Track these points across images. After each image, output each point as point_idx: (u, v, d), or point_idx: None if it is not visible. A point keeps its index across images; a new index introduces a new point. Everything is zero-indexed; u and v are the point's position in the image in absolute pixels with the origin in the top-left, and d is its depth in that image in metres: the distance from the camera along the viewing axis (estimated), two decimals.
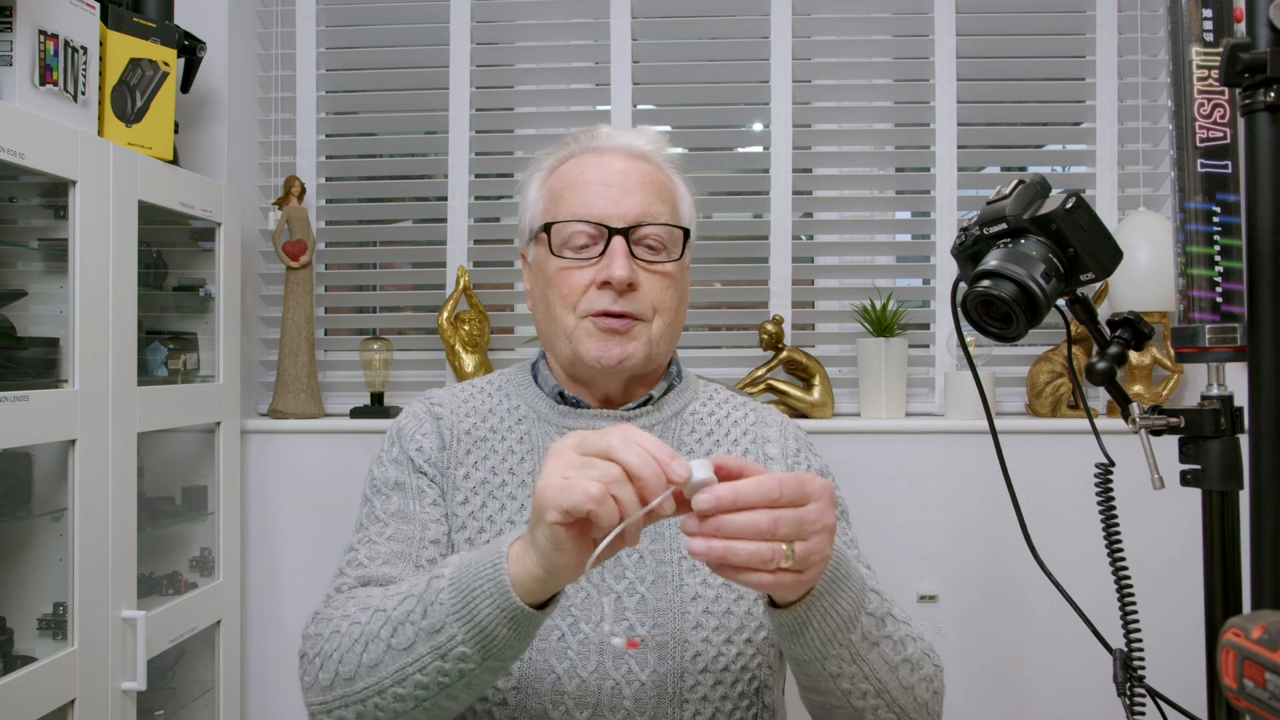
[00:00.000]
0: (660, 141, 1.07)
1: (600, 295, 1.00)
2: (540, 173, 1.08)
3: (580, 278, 1.01)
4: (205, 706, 1.79)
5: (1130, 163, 2.00)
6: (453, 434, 1.05)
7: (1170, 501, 1.63)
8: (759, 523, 0.66)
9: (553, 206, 1.03)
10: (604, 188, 1.01)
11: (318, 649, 0.85)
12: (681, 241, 1.04)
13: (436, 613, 0.75)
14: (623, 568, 0.97)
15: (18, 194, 1.52)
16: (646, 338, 1.02)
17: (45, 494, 1.42)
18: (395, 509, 1.00)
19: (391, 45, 2.11)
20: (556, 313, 1.02)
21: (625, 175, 1.02)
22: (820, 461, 1.11)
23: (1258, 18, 0.68)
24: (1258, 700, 0.45)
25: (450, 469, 1.03)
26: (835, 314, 2.05)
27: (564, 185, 1.03)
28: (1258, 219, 0.69)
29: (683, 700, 0.93)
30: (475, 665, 0.75)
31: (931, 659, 0.90)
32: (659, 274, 1.02)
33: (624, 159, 1.03)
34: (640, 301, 1.01)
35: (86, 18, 1.44)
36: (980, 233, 0.83)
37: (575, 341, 1.01)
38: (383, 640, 0.78)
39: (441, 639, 0.75)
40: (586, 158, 1.04)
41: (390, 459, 1.04)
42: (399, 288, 2.25)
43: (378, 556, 0.94)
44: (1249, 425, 0.70)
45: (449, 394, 1.11)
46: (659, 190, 1.03)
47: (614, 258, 0.98)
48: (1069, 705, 1.83)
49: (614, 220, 1.00)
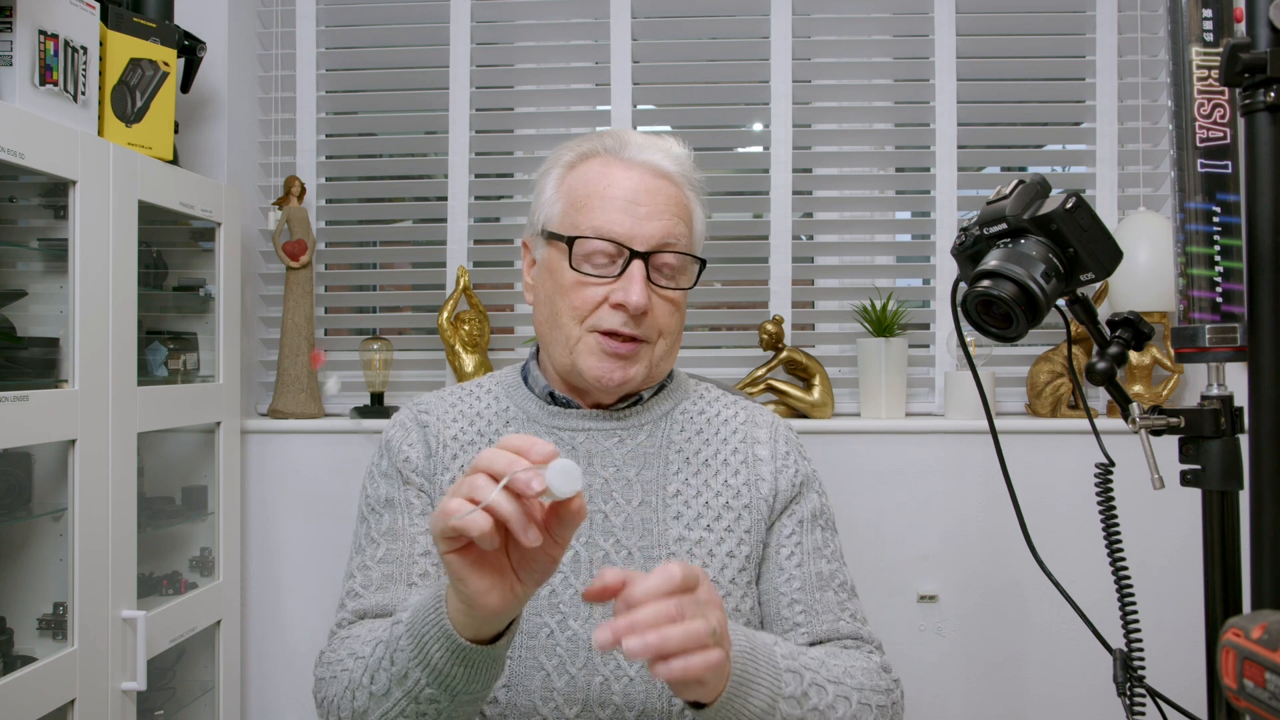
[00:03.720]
0: (685, 161, 1.06)
1: (612, 315, 0.99)
2: (559, 169, 1.06)
3: (594, 294, 1.00)
4: (205, 706, 1.79)
5: (1130, 163, 2.00)
6: (439, 441, 1.05)
7: (1170, 501, 1.62)
8: (669, 610, 0.68)
9: (574, 215, 1.01)
10: (629, 204, 0.99)
11: (323, 694, 0.90)
12: (695, 267, 1.05)
13: (400, 659, 0.78)
14: (610, 564, 0.97)
15: (18, 194, 1.52)
16: (648, 360, 1.03)
17: (45, 494, 1.42)
18: (386, 527, 1.02)
19: (391, 45, 2.11)
20: (563, 321, 1.02)
21: (652, 195, 1.00)
22: (808, 466, 1.10)
23: (1258, 18, 0.68)
24: (1258, 700, 0.45)
25: (437, 475, 1.04)
26: (835, 314, 2.05)
27: (587, 192, 1.01)
28: (1258, 219, 0.69)
29: (671, 695, 0.94)
30: (447, 704, 0.79)
31: (874, 703, 0.90)
32: (669, 299, 1.03)
33: (651, 176, 1.02)
34: (649, 325, 1.01)
35: (86, 18, 1.44)
36: (980, 233, 0.83)
37: (577, 355, 1.01)
38: (365, 688, 0.82)
39: (409, 684, 0.78)
40: (612, 166, 1.02)
41: (380, 473, 1.06)
42: (399, 288, 2.25)
43: (371, 584, 0.99)
44: (1249, 425, 0.70)
45: (438, 399, 1.11)
46: (681, 213, 1.03)
47: (632, 282, 0.98)
48: (1069, 705, 1.83)
49: (637, 242, 0.99)
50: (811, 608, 1.00)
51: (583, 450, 1.03)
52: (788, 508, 1.05)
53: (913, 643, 1.84)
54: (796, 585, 1.01)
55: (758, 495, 1.04)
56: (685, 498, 1.02)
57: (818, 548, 1.04)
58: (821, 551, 1.04)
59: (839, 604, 1.02)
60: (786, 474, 1.06)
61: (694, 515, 1.01)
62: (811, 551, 1.03)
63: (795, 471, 1.07)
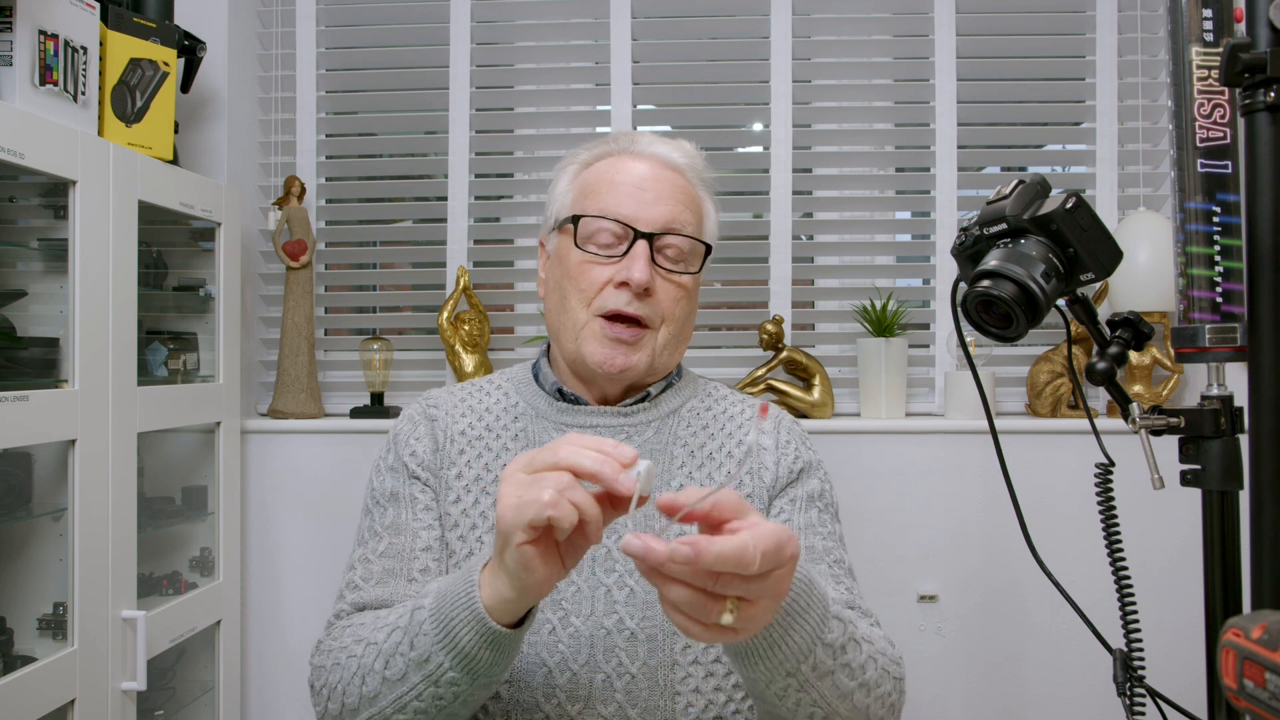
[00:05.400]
0: (696, 157, 1.09)
1: (616, 294, 1.01)
2: (574, 166, 1.10)
3: (599, 274, 1.02)
4: (205, 706, 1.79)
5: (1130, 163, 2.00)
6: (447, 435, 1.06)
7: (1170, 501, 1.63)
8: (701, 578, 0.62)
9: (582, 200, 1.05)
10: (636, 190, 1.02)
11: (323, 681, 0.89)
12: (702, 256, 1.06)
13: (422, 644, 0.78)
14: (613, 561, 0.97)
15: (18, 194, 1.52)
16: (651, 348, 1.03)
17: (45, 494, 1.42)
18: (390, 522, 1.03)
19: (391, 45, 2.11)
20: (570, 304, 1.03)
21: (658, 182, 1.03)
22: (811, 454, 1.09)
23: (1258, 18, 0.68)
24: (1258, 700, 0.45)
25: (443, 469, 1.04)
26: (835, 314, 2.05)
27: (597, 181, 1.04)
28: (1258, 219, 0.69)
29: (674, 692, 0.94)
30: (466, 687, 0.79)
31: (891, 673, 0.87)
32: (675, 283, 1.04)
33: (659, 166, 1.05)
34: (653, 307, 1.02)
35: (86, 18, 1.44)
36: (980, 233, 0.83)
37: (582, 341, 1.02)
38: (377, 673, 0.82)
39: (431, 668, 0.78)
40: (622, 159, 1.06)
41: (387, 466, 1.07)
42: (399, 288, 2.25)
43: (371, 577, 0.99)
44: (1249, 425, 0.70)
45: (447, 394, 1.12)
46: (688, 202, 1.05)
47: (635, 260, 1.00)
48: (1069, 705, 1.83)
49: (641, 223, 1.01)
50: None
51: None
52: (785, 491, 1.05)
53: (913, 643, 1.84)
54: None
55: (760, 484, 1.04)
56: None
57: (811, 525, 1.02)
58: (815, 529, 1.02)
59: (833, 578, 0.99)
60: (786, 461, 1.06)
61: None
62: (804, 528, 1.02)
63: (795, 458, 1.07)
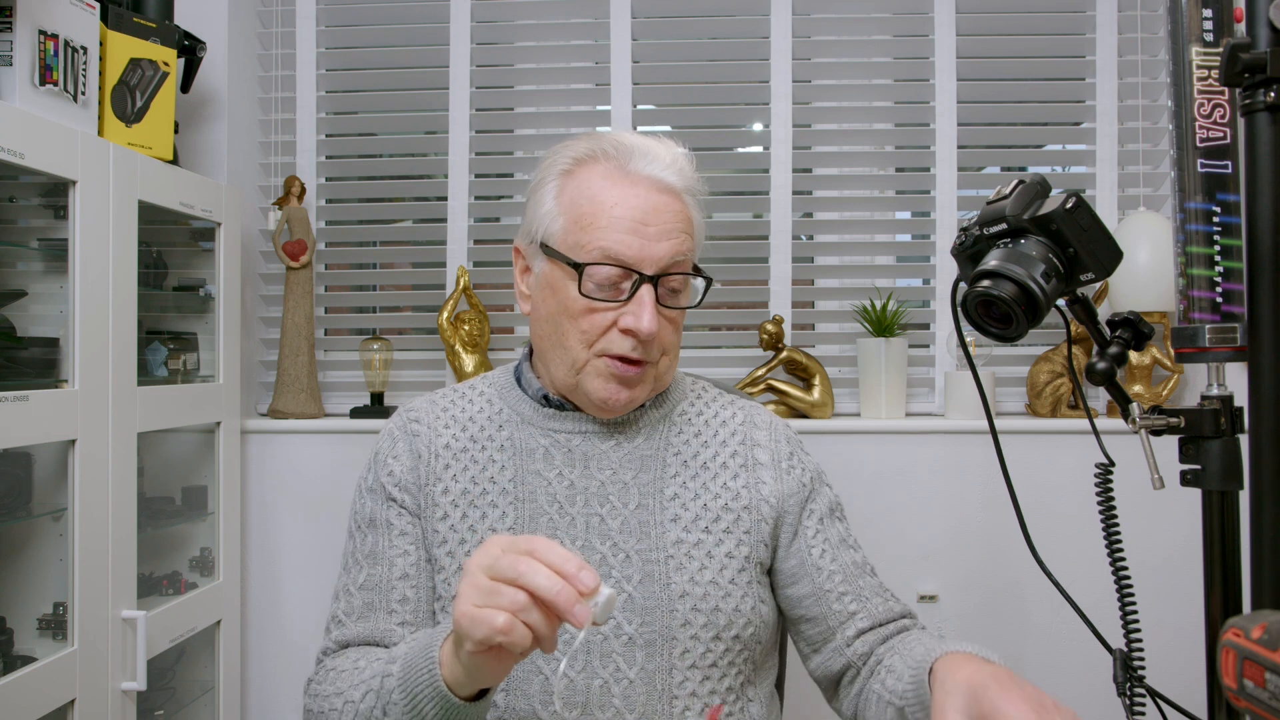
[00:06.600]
0: (688, 170, 1.03)
1: (621, 339, 0.98)
2: (555, 178, 1.02)
3: (603, 319, 0.98)
4: (205, 706, 1.79)
5: (1130, 163, 2.00)
6: (430, 450, 1.05)
7: (1170, 501, 1.63)
8: None
9: (578, 233, 0.97)
10: (637, 224, 0.96)
11: None
12: (699, 283, 1.04)
13: (393, 712, 0.81)
14: (609, 567, 0.97)
15: (18, 194, 1.51)
16: (653, 378, 1.03)
17: (45, 494, 1.42)
18: (369, 550, 1.04)
19: (391, 45, 2.11)
20: (569, 343, 0.99)
21: (659, 214, 0.97)
22: (812, 462, 1.10)
23: (1258, 18, 0.68)
24: (1258, 700, 0.45)
25: (427, 485, 1.03)
26: (835, 314, 2.05)
27: (593, 210, 0.97)
28: (1258, 219, 0.69)
29: (671, 696, 0.94)
30: None
31: None
32: (672, 318, 1.02)
33: (656, 192, 0.98)
34: (655, 348, 1.00)
35: (86, 18, 1.44)
36: (980, 233, 0.83)
37: (584, 377, 1.00)
38: None
39: None
40: (616, 181, 0.98)
41: (366, 487, 1.07)
42: (399, 288, 2.25)
43: (353, 612, 1.01)
44: (1249, 425, 0.70)
45: (429, 404, 1.10)
46: (687, 228, 1.01)
47: (643, 308, 0.96)
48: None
49: (646, 265, 0.96)
50: (859, 595, 1.03)
51: (579, 453, 1.03)
52: (805, 508, 1.06)
53: None
54: (839, 579, 1.03)
55: (758, 496, 1.04)
56: (683, 500, 1.02)
57: (843, 539, 1.07)
58: (846, 541, 1.07)
59: (878, 586, 1.06)
60: (794, 475, 1.06)
61: (692, 518, 1.01)
62: (838, 544, 1.06)
63: (803, 470, 1.08)
